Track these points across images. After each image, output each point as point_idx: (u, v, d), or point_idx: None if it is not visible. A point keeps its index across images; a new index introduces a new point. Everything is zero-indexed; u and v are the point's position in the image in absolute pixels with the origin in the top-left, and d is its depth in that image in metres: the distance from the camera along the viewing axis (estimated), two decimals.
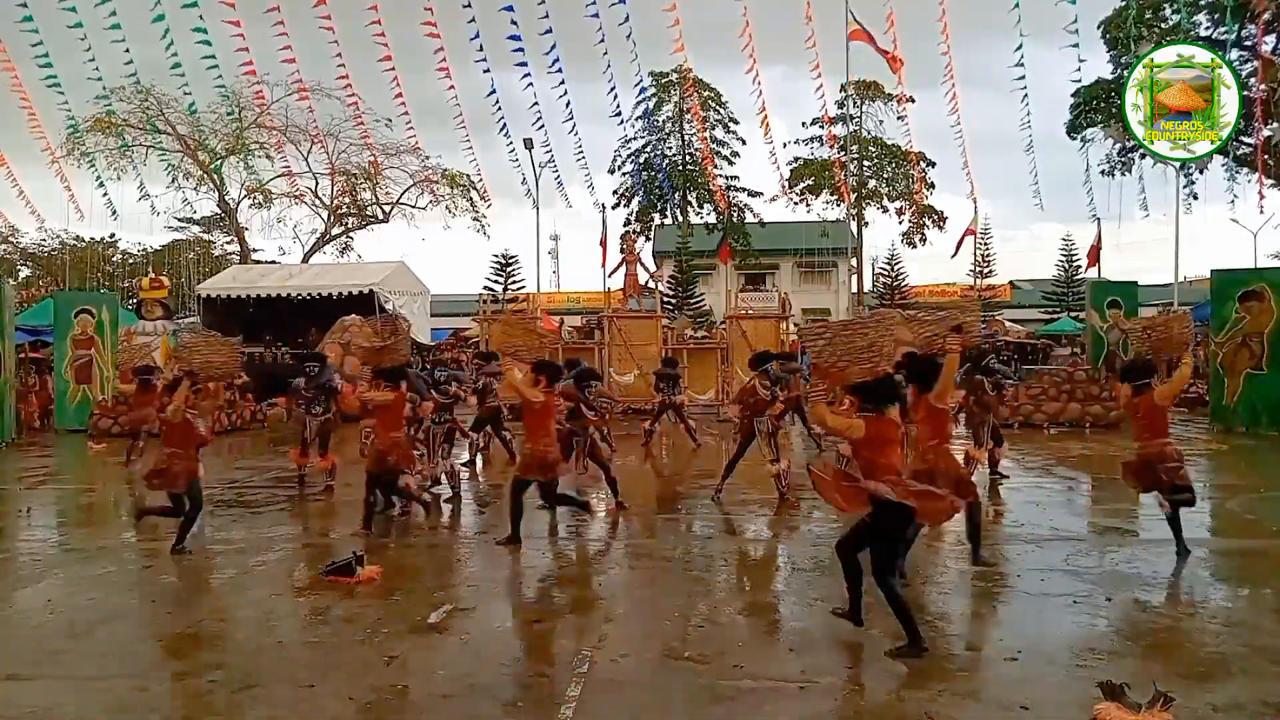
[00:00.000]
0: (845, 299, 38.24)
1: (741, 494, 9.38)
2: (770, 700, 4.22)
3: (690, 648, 4.90)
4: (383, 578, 6.25)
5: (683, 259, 35.52)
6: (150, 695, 4.36)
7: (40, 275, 42.87)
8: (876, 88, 37.85)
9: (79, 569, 6.82)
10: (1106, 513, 8.68)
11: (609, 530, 8.35)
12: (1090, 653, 4.75)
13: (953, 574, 6.51)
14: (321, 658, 4.84)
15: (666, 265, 39.06)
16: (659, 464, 12.56)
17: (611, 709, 4.18)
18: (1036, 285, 42.19)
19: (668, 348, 19.20)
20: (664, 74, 37.88)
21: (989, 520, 8.50)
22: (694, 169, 39.42)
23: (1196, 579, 6.39)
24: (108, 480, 10.73)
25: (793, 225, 41.27)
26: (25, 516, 9.33)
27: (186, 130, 32.39)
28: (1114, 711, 3.79)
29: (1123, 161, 29.38)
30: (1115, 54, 27.59)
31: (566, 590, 6.22)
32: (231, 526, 8.31)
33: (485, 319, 20.05)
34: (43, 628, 5.43)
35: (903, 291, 35.71)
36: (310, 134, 32.67)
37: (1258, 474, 11.51)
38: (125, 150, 30.90)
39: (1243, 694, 4.22)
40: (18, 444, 15.32)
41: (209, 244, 43.69)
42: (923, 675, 4.53)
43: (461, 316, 36.49)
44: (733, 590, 6.20)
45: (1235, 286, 15.50)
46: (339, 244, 38.20)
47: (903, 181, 39.03)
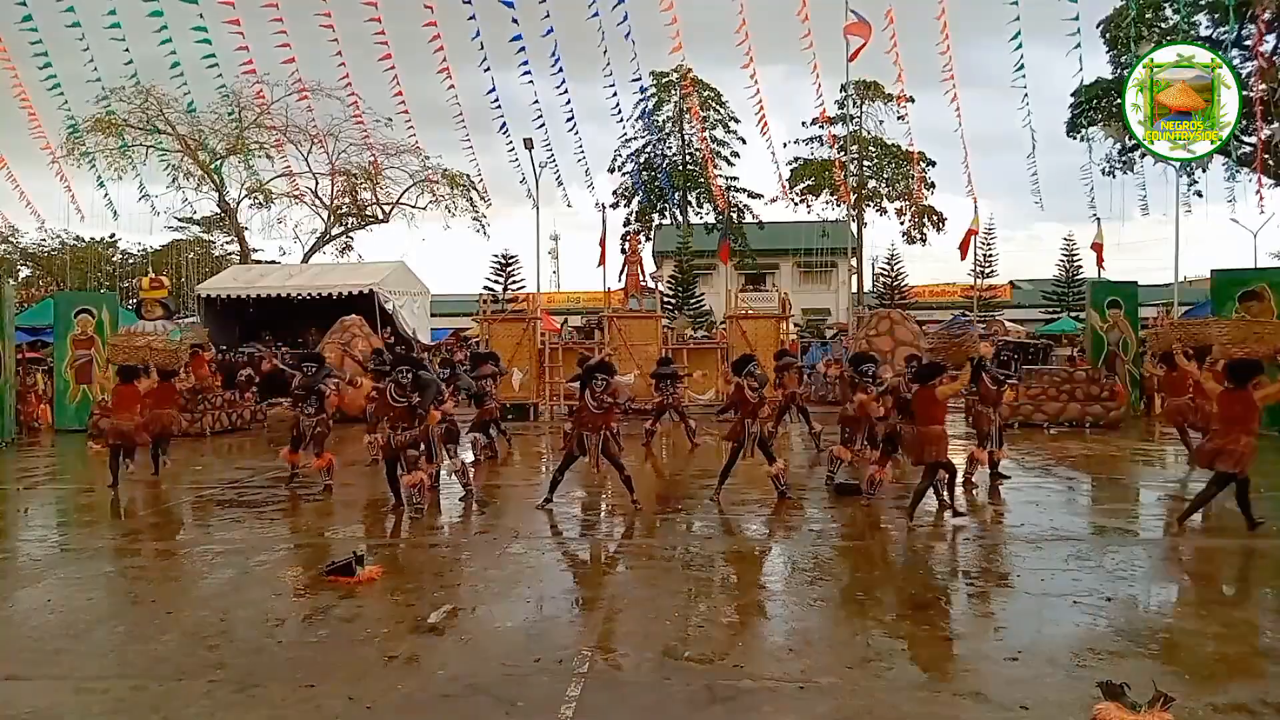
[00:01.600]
0: (845, 299, 38.21)
1: (741, 494, 9.38)
2: (770, 700, 4.22)
3: (690, 648, 4.90)
4: (382, 578, 6.26)
5: (683, 259, 35.52)
6: (150, 695, 4.36)
7: (40, 275, 42.89)
8: (876, 88, 37.84)
9: (79, 569, 6.81)
10: (1106, 513, 8.68)
11: (609, 530, 8.35)
12: (1090, 653, 4.75)
13: (954, 574, 6.52)
14: (321, 658, 4.84)
15: (666, 265, 39.07)
16: (659, 464, 12.56)
17: (611, 709, 4.18)
18: (1036, 285, 42.19)
19: (667, 348, 19.20)
20: (664, 74, 37.89)
21: (990, 520, 8.51)
22: (694, 169, 39.42)
23: (1196, 579, 6.39)
24: (107, 480, 10.70)
25: (792, 225, 41.29)
26: (25, 516, 9.34)
27: (186, 130, 32.40)
28: (1114, 711, 3.79)
29: (1123, 161, 29.38)
30: (1115, 53, 27.61)
31: (566, 590, 6.22)
32: (231, 526, 8.31)
33: (485, 319, 20.04)
34: (43, 628, 5.43)
35: (902, 291, 35.68)
36: (310, 134, 32.69)
37: (1258, 474, 11.45)
38: (125, 150, 30.90)
39: (1243, 694, 4.22)
40: (18, 444, 15.32)
41: (209, 244, 43.72)
42: (923, 675, 4.53)
43: (461, 316, 36.50)
44: (733, 590, 6.20)
45: (1235, 286, 15.50)
46: (339, 244, 38.21)
47: (903, 181, 39.02)
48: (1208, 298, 18.91)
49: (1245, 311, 15.13)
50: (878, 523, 8.22)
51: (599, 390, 8.61)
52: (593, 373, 8.80)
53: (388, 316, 23.53)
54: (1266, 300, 14.85)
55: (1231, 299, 15.38)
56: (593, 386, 8.64)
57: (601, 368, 8.94)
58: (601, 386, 8.62)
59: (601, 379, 8.66)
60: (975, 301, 32.83)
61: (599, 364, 9.13)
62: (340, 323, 19.65)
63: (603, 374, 8.74)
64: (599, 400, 8.62)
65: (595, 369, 8.90)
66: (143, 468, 11.03)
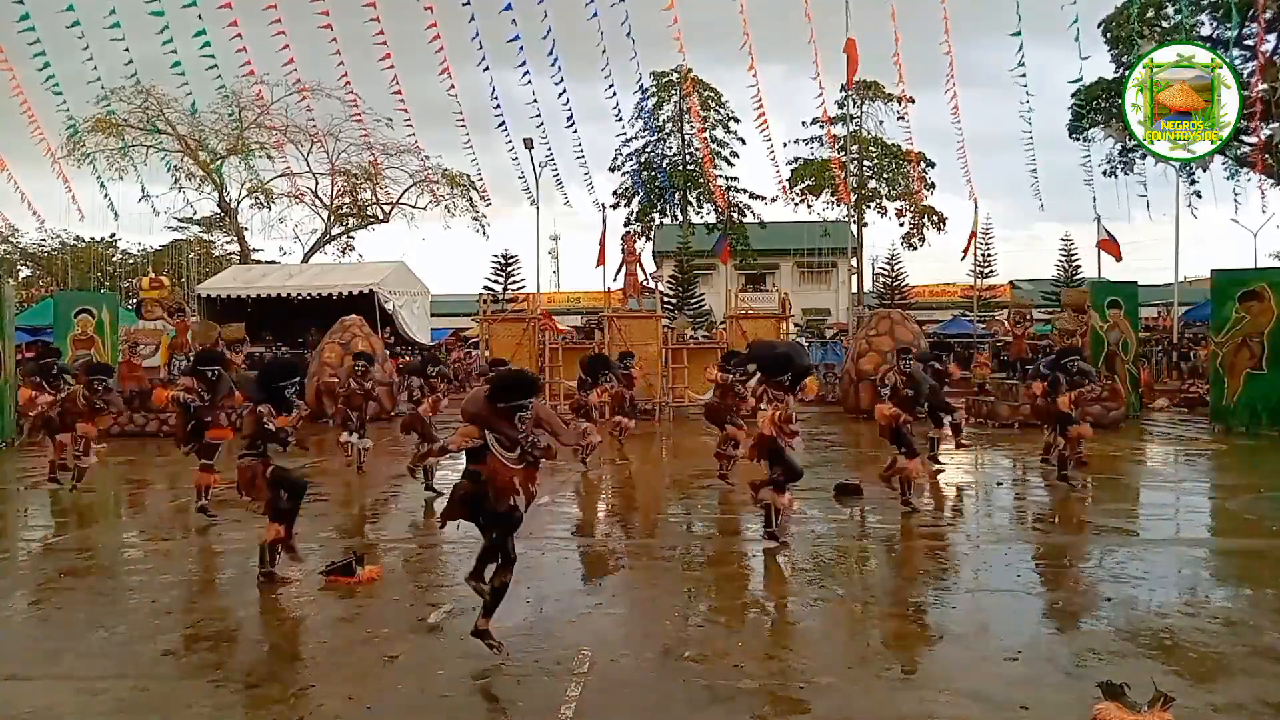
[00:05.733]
0: (845, 299, 38.21)
1: (741, 494, 9.38)
2: (770, 700, 4.22)
3: (690, 648, 4.90)
4: (382, 578, 6.25)
5: (683, 259, 35.53)
6: (150, 695, 4.35)
7: (40, 275, 42.90)
8: (877, 88, 37.83)
9: (79, 569, 6.81)
10: (1106, 513, 8.67)
11: (609, 530, 8.35)
12: (1090, 653, 4.75)
13: (954, 574, 6.52)
14: (321, 658, 4.84)
15: (666, 265, 39.06)
16: (659, 464, 12.56)
17: (611, 709, 4.18)
18: (1036, 285, 42.16)
19: (667, 347, 19.21)
20: (664, 74, 37.88)
21: (988, 520, 8.51)
22: (694, 169, 39.41)
23: (1196, 579, 6.39)
24: (108, 480, 10.72)
25: (793, 225, 41.27)
26: (24, 517, 9.34)
27: (186, 130, 32.40)
28: (1114, 711, 3.78)
29: (1124, 161, 29.38)
30: (1116, 53, 27.61)
31: (566, 590, 6.22)
32: (232, 526, 8.31)
33: (485, 319, 20.05)
34: (43, 628, 5.43)
35: (903, 291, 35.67)
36: (310, 134, 32.72)
37: (1258, 474, 11.50)
38: (125, 151, 30.91)
39: (1243, 694, 4.22)
40: (18, 444, 15.30)
41: (209, 244, 43.72)
42: (923, 675, 4.53)
43: (461, 316, 36.53)
44: (733, 590, 6.20)
45: (1235, 286, 15.50)
46: (339, 244, 38.25)
47: (903, 182, 39.00)
48: (1208, 298, 18.93)
49: (1245, 311, 15.16)
50: (877, 523, 8.22)
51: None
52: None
53: (388, 316, 23.56)
54: (1266, 300, 14.86)
55: (1231, 299, 15.39)
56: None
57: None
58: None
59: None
60: (975, 301, 32.85)
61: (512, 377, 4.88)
62: (340, 323, 19.67)
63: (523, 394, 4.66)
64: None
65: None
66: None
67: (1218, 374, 15.63)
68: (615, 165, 40.91)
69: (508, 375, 4.82)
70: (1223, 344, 15.46)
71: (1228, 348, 15.36)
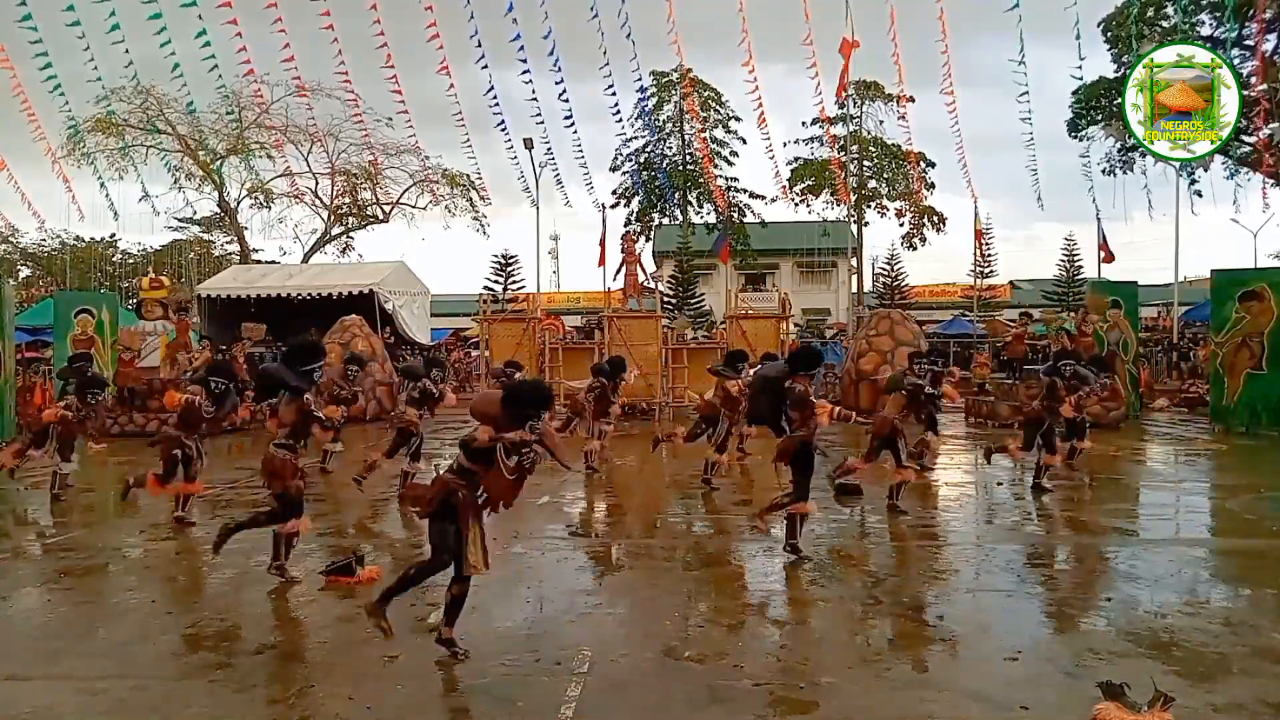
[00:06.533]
0: (845, 299, 38.22)
1: (742, 494, 9.39)
2: (770, 700, 4.22)
3: (690, 648, 4.90)
4: (382, 578, 6.25)
5: (683, 259, 35.54)
6: (150, 695, 4.36)
7: (40, 275, 42.89)
8: (876, 88, 37.83)
9: (79, 569, 6.81)
10: (1106, 513, 8.67)
11: (609, 530, 8.35)
12: (1090, 653, 4.75)
13: (954, 574, 6.52)
14: (322, 658, 4.85)
15: (666, 265, 39.05)
16: (660, 464, 12.56)
17: (611, 709, 4.18)
18: (1036, 285, 42.17)
19: (667, 348, 19.20)
20: (664, 74, 37.88)
21: (987, 521, 8.51)
22: (694, 169, 39.42)
23: (1196, 579, 6.39)
24: (108, 480, 10.71)
25: (792, 225, 41.27)
26: (24, 517, 9.34)
27: (187, 130, 32.39)
28: (1114, 711, 3.78)
29: (1124, 161, 29.37)
30: (1116, 53, 27.61)
31: (566, 590, 6.21)
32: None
33: (485, 319, 20.04)
34: (43, 628, 5.43)
35: (903, 291, 35.66)
36: (310, 134, 32.71)
37: (1258, 474, 11.50)
38: (125, 151, 30.91)
39: (1243, 694, 4.22)
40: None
41: (209, 244, 43.71)
42: (923, 675, 4.53)
43: (461, 316, 36.51)
44: (733, 590, 6.20)
45: (1235, 286, 15.50)
46: (339, 244, 38.23)
47: (902, 181, 39.00)
48: (1207, 298, 18.93)
49: (1245, 311, 15.15)
50: (877, 523, 8.22)
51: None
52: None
53: (388, 316, 23.54)
54: (1266, 300, 14.86)
55: (1231, 299, 15.39)
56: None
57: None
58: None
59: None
60: (975, 301, 32.84)
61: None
62: (340, 323, 19.67)
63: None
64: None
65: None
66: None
67: (1218, 374, 15.63)
68: (615, 165, 40.97)
69: (527, 386, 4.90)
70: (1223, 344, 15.46)
71: (1228, 348, 15.36)
